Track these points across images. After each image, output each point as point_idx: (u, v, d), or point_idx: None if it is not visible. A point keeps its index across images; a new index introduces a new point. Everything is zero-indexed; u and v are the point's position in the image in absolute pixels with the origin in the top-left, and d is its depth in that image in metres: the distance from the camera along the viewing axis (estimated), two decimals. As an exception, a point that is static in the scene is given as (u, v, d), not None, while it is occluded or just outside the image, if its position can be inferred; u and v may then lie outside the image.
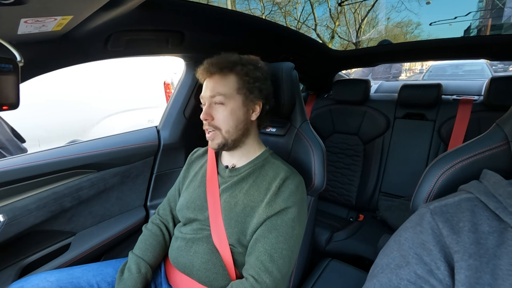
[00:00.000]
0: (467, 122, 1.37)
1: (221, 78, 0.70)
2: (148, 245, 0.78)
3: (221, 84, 0.70)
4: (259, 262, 0.62)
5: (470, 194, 0.40)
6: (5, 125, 1.68)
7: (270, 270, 0.62)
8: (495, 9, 11.88)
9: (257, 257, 0.63)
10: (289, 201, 0.67)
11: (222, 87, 0.70)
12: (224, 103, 0.70)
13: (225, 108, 0.70)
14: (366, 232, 1.42)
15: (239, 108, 0.71)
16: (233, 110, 0.70)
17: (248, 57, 0.76)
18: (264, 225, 0.66)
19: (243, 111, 0.72)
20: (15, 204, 0.82)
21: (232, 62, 0.71)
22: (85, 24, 0.64)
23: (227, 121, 0.70)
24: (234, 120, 0.71)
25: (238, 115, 0.71)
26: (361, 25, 11.90)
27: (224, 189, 0.74)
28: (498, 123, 0.49)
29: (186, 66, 1.20)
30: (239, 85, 0.71)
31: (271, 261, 0.62)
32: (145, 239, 0.79)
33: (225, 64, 0.70)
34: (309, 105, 1.92)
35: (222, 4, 9.57)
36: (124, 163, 1.08)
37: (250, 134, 0.76)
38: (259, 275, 0.61)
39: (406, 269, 0.37)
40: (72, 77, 2.38)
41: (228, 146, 0.73)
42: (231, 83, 0.70)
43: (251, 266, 0.63)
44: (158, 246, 0.79)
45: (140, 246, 0.78)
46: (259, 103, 0.74)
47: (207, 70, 0.71)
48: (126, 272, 0.71)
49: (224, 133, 0.71)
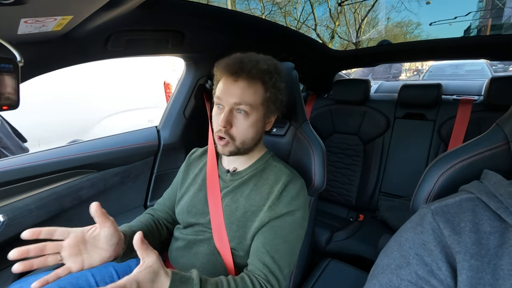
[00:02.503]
0: (467, 122, 1.37)
1: (248, 85, 0.64)
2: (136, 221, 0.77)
3: (249, 92, 0.64)
4: (262, 264, 0.62)
5: (471, 194, 0.40)
6: (6, 125, 1.68)
7: (272, 271, 0.62)
8: (495, 9, 11.88)
9: (259, 258, 0.63)
10: (291, 206, 0.67)
11: (249, 96, 0.64)
12: (248, 113, 0.65)
13: (247, 119, 0.65)
14: (366, 232, 1.42)
15: (260, 120, 0.68)
16: (254, 122, 0.66)
17: (272, 62, 0.70)
18: (266, 227, 0.66)
19: (262, 123, 0.69)
20: (15, 204, 0.81)
21: (262, 70, 0.65)
22: (85, 24, 0.64)
23: (245, 132, 0.66)
24: (253, 133, 0.67)
25: (258, 127, 0.68)
26: (361, 25, 11.91)
27: (226, 193, 0.73)
28: (498, 123, 0.49)
29: (186, 66, 1.20)
30: (266, 97, 0.66)
31: (273, 262, 0.63)
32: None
33: (255, 70, 0.64)
34: (309, 105, 1.92)
35: (222, 4, 9.57)
36: (124, 163, 1.08)
37: (260, 142, 0.75)
38: (265, 277, 0.61)
39: (407, 270, 0.37)
40: (72, 77, 2.37)
41: (239, 154, 0.71)
42: (259, 93, 0.66)
43: (256, 267, 0.63)
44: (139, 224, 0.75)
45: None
46: (276, 113, 0.72)
47: (233, 72, 0.64)
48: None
49: (239, 144, 0.67)
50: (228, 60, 0.67)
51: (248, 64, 0.64)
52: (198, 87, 1.21)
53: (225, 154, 0.70)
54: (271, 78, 0.66)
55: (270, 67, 0.67)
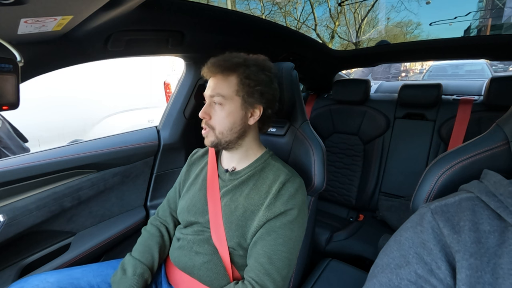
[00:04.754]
0: (467, 122, 1.37)
1: (222, 78, 0.70)
2: (146, 246, 0.77)
3: (222, 85, 0.69)
4: (259, 265, 0.62)
5: (471, 194, 0.40)
6: (7, 125, 1.68)
7: (269, 272, 0.62)
8: (495, 9, 11.88)
9: (256, 259, 0.63)
10: (288, 204, 0.67)
11: (222, 88, 0.69)
12: (223, 104, 0.69)
13: (222, 109, 0.69)
14: (366, 232, 1.42)
15: (236, 110, 0.70)
16: (230, 113, 0.69)
17: (256, 57, 0.74)
18: (263, 228, 0.66)
19: (241, 115, 0.70)
20: (15, 204, 0.82)
21: (235, 63, 0.70)
22: (85, 24, 0.64)
23: (222, 122, 0.70)
24: (229, 123, 0.70)
25: (235, 118, 0.70)
26: (361, 25, 11.91)
27: (225, 192, 0.73)
28: (498, 123, 0.49)
29: (186, 66, 1.20)
30: (239, 88, 0.69)
31: (270, 263, 0.62)
32: (144, 240, 0.79)
33: (227, 64, 0.69)
34: (309, 105, 1.92)
35: (222, 4, 9.57)
36: (124, 163, 1.08)
37: (246, 137, 0.74)
38: (259, 278, 0.61)
39: (407, 269, 0.37)
40: (72, 77, 2.37)
41: (221, 146, 0.73)
42: (232, 84, 0.69)
43: (251, 268, 0.63)
44: (156, 247, 0.77)
45: (138, 248, 0.77)
46: (259, 107, 0.72)
47: (210, 69, 0.71)
48: (119, 273, 0.70)
49: (218, 134, 0.70)
50: (210, 61, 0.72)
51: (224, 60, 0.70)
52: (198, 87, 1.21)
53: (208, 145, 0.73)
54: (245, 70, 0.69)
55: (247, 61, 0.71)
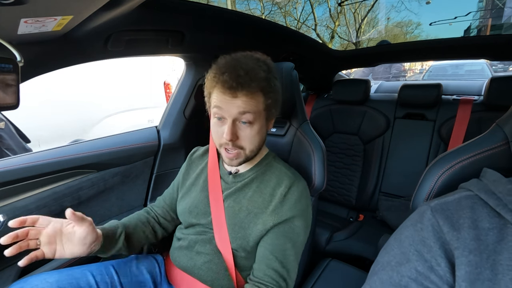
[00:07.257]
0: (467, 122, 1.37)
1: (249, 97, 0.61)
2: (130, 217, 0.81)
3: (251, 103, 0.61)
4: (272, 270, 0.63)
5: (470, 192, 0.40)
6: (10, 126, 1.68)
7: (284, 277, 0.63)
8: (495, 9, 11.88)
9: (268, 265, 0.63)
10: (295, 210, 0.67)
11: (252, 106, 0.61)
12: (253, 122, 0.63)
13: (252, 128, 0.64)
14: (366, 232, 1.42)
15: (263, 125, 0.67)
16: (259, 129, 0.65)
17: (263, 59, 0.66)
18: (272, 232, 0.66)
19: (266, 128, 0.68)
20: (15, 204, 0.81)
21: (260, 79, 0.61)
22: (85, 24, 0.64)
23: (253, 141, 0.65)
24: (260, 139, 0.67)
25: (263, 133, 0.67)
26: (361, 25, 11.91)
27: (228, 194, 0.73)
28: (498, 123, 0.49)
29: (186, 66, 1.20)
30: (267, 104, 0.64)
31: (283, 267, 0.63)
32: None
33: (254, 83, 0.60)
34: (309, 105, 1.92)
35: (222, 4, 9.57)
36: (124, 163, 1.08)
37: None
38: (277, 283, 0.62)
39: (407, 266, 0.37)
40: (72, 77, 2.37)
41: (247, 161, 0.70)
42: (260, 101, 0.63)
43: (265, 274, 0.63)
44: (132, 221, 0.79)
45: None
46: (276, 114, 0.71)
47: (232, 87, 0.59)
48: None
49: (248, 152, 0.67)
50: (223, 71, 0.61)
51: (246, 78, 0.59)
52: (198, 87, 1.21)
53: (234, 165, 0.69)
54: (269, 83, 0.63)
55: (266, 73, 0.63)
